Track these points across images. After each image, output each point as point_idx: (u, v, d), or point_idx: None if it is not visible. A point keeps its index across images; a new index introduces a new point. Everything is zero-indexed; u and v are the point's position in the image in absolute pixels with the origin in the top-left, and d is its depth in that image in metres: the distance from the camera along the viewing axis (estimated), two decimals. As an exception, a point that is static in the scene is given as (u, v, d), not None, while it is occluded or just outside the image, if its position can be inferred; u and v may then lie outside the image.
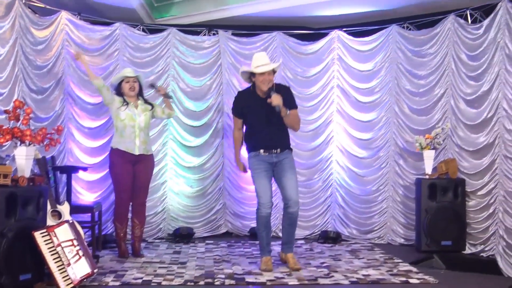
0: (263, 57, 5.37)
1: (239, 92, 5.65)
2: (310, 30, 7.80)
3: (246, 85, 6.83)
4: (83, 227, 5.46)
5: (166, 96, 6.16)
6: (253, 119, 5.48)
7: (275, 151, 5.40)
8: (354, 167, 7.51)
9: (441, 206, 6.42)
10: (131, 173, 5.94)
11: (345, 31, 7.55)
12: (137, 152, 5.91)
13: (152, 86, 6.20)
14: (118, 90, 6.03)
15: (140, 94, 6.11)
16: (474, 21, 6.64)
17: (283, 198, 5.47)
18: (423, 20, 7.08)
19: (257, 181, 5.40)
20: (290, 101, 5.46)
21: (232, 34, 7.61)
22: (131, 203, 6.11)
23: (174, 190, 7.53)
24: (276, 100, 5.18)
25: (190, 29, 7.59)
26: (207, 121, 7.59)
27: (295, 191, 5.39)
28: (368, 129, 7.46)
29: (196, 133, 7.58)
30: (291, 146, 5.66)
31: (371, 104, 7.44)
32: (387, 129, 7.33)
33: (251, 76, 5.41)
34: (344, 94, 7.56)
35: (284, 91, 5.47)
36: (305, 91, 7.48)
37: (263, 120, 5.37)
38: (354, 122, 7.53)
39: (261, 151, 5.42)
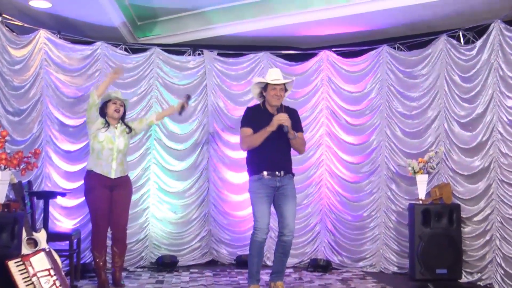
0: (278, 72, 5.41)
1: (248, 108, 5.58)
2: (298, 50, 7.77)
3: (230, 107, 7.47)
4: (60, 256, 5.33)
5: (181, 110, 6.15)
6: None
7: (279, 174, 5.34)
8: (345, 192, 7.42)
9: (436, 232, 6.30)
10: (108, 199, 5.80)
11: (334, 51, 7.51)
12: (113, 176, 5.78)
13: (188, 97, 6.23)
14: (102, 109, 5.90)
15: (122, 118, 6.02)
16: (467, 42, 6.65)
17: (280, 225, 5.41)
18: (414, 41, 7.07)
19: (256, 205, 5.33)
20: (298, 124, 5.51)
21: (218, 54, 7.56)
22: (110, 231, 5.96)
23: (157, 216, 7.38)
24: (285, 119, 5.18)
25: (174, 49, 7.53)
26: (191, 144, 7.50)
27: (293, 220, 5.39)
28: (359, 152, 7.38)
29: (180, 157, 7.46)
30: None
31: (362, 126, 7.39)
32: (379, 152, 7.26)
33: (262, 91, 5.42)
34: (334, 117, 7.51)
35: (292, 113, 5.49)
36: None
37: (270, 140, 5.29)
38: (344, 145, 7.45)
39: (265, 173, 5.33)
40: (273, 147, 5.31)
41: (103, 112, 5.91)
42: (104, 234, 5.88)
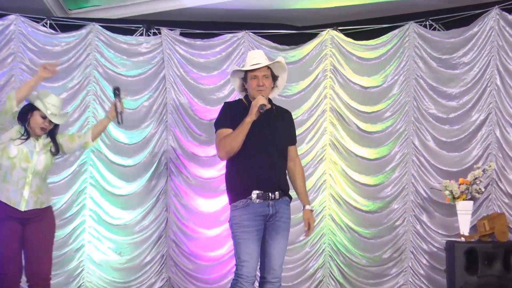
0: (259, 55, 4.96)
1: (226, 103, 5.13)
2: (292, 29, 7.51)
3: (199, 107, 7.26)
4: None
5: (117, 115, 5.38)
6: (244, 144, 4.89)
7: (273, 196, 4.75)
8: (356, 225, 7.10)
9: (485, 282, 5.98)
10: (18, 236, 5.18)
11: (341, 31, 7.25)
12: (23, 208, 5.16)
13: (117, 90, 5.40)
14: (23, 116, 5.30)
15: (51, 130, 5.41)
16: (529, 17, 6.64)
17: (262, 268, 4.89)
18: (453, 16, 6.89)
19: (242, 244, 4.77)
20: (292, 132, 5.10)
21: (181, 34, 7.33)
22: (27, 282, 5.26)
23: (95, 259, 7.03)
24: (263, 100, 4.69)
25: (121, 26, 7.31)
26: (144, 159, 7.18)
27: (280, 262, 4.88)
28: (376, 170, 7.10)
29: (128, 176, 7.15)
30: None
31: (380, 134, 7.11)
32: (403, 170, 7.00)
33: (243, 83, 5.00)
34: (341, 121, 7.23)
35: (287, 116, 5.10)
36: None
37: (259, 147, 4.74)
38: (355, 161, 7.17)
39: (254, 196, 4.73)
40: (264, 157, 4.78)
41: (24, 117, 5.36)
42: (14, 285, 5.24)
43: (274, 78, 4.95)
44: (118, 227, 7.08)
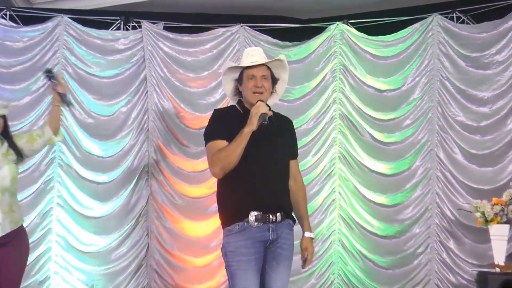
0: (258, 53, 4.71)
1: (217, 111, 4.87)
2: (295, 22, 7.44)
3: (186, 114, 7.18)
4: None
5: (62, 99, 5.24)
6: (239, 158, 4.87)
7: (274, 218, 4.45)
8: (371, 252, 6.93)
9: None
10: None
11: (353, 24, 7.14)
12: (0, 234, 5.11)
13: (48, 73, 5.25)
14: None
15: (4, 134, 5.30)
16: None
17: None
18: (485, 7, 6.76)
19: (239, 276, 4.45)
20: (293, 144, 4.84)
21: (165, 28, 7.28)
22: None
23: None
24: (265, 109, 4.41)
25: (94, 19, 7.25)
26: (121, 175, 7.06)
27: None
28: (393, 188, 6.95)
29: (102, 195, 7.01)
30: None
31: (398, 146, 6.96)
32: (426, 188, 6.84)
33: (238, 86, 4.74)
34: (353, 130, 7.10)
35: (287, 125, 4.83)
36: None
37: (257, 161, 4.45)
38: (369, 177, 7.02)
39: (251, 218, 4.44)
40: (262, 174, 4.48)
41: None
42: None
43: (274, 81, 4.69)
44: (90, 255, 6.96)
